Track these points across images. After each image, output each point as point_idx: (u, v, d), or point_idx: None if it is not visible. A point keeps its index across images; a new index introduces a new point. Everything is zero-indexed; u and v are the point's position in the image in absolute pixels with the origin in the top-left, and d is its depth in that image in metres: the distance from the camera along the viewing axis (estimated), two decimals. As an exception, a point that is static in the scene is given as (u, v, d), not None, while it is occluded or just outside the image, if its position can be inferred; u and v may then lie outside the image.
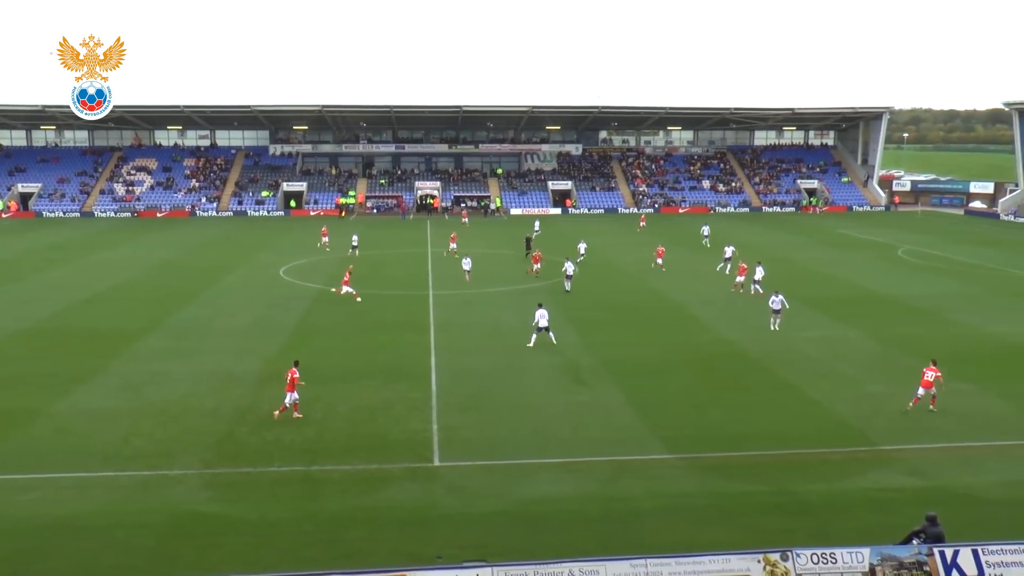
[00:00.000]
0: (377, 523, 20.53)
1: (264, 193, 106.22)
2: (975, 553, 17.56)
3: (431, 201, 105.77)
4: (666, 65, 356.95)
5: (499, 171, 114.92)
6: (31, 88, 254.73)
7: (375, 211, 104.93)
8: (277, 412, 27.52)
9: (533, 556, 17.66)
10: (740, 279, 49.86)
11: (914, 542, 17.75)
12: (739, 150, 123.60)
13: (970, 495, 22.21)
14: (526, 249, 64.21)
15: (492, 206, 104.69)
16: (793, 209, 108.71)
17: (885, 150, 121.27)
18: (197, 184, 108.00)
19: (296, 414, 27.45)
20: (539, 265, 55.65)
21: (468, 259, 53.84)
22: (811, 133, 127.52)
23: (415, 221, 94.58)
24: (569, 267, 50.44)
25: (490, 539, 19.73)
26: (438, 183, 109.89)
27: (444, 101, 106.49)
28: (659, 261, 57.85)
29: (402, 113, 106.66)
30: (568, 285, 49.55)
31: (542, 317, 37.04)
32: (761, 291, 47.64)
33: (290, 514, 21.00)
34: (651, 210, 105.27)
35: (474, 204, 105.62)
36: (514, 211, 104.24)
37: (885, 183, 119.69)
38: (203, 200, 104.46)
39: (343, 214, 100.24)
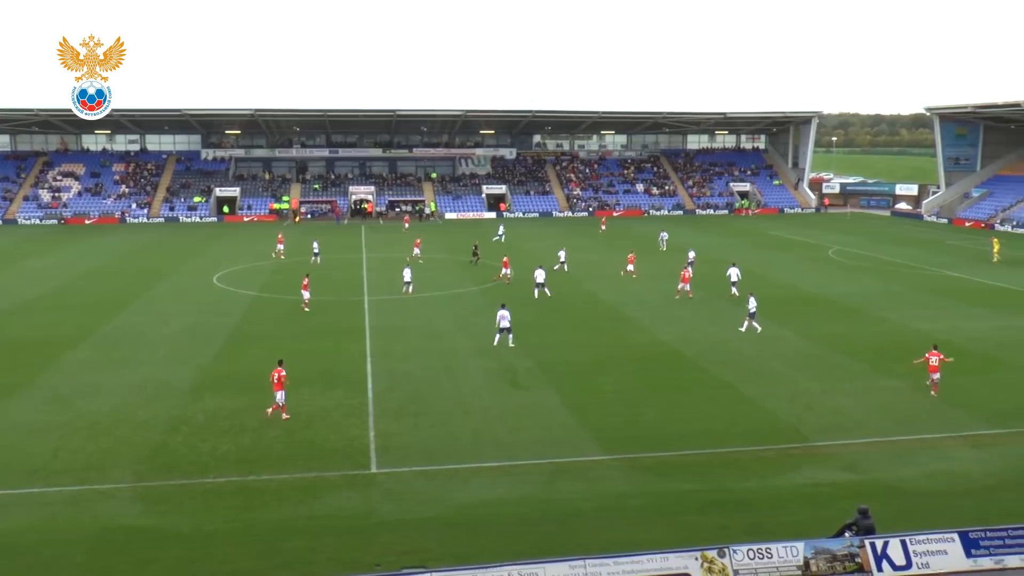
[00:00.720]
0: (315, 532, 20.30)
1: (196, 199, 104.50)
2: (903, 543, 18.03)
3: (365, 206, 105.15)
4: (600, 70, 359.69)
5: (433, 175, 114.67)
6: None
7: (309, 216, 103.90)
8: (269, 411, 27.95)
9: (472, 560, 17.66)
10: (683, 286, 49.14)
11: (846, 535, 18.12)
12: (672, 154, 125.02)
13: (899, 487, 22.75)
14: (473, 255, 62.97)
15: (427, 210, 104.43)
16: (726, 211, 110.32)
17: (815, 153, 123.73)
18: (127, 190, 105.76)
19: (284, 415, 27.77)
20: (508, 271, 54.57)
21: (409, 269, 51.81)
22: (743, 137, 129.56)
23: (349, 226, 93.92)
24: (540, 274, 49.07)
25: (429, 545, 19.63)
26: (372, 187, 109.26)
27: (378, 105, 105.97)
28: (630, 268, 56.69)
29: (336, 117, 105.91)
30: (537, 293, 48.34)
31: (503, 318, 37.40)
32: (737, 292, 48.36)
33: (226, 525, 20.65)
34: (603, 215, 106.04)
35: (409, 208, 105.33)
36: (449, 215, 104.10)
37: (815, 185, 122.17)
38: (133, 206, 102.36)
39: (296, 219, 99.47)
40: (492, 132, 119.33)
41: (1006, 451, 25.49)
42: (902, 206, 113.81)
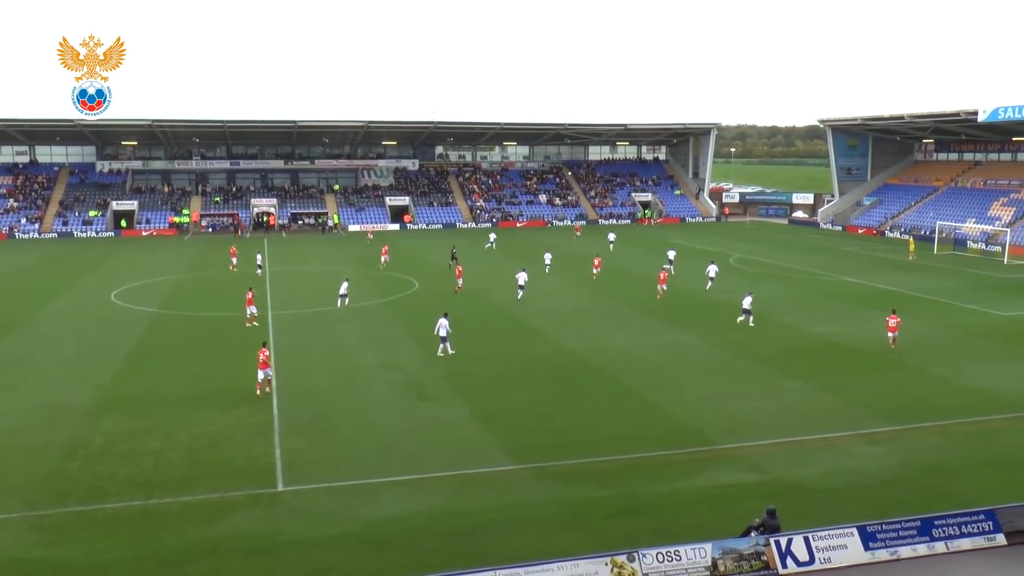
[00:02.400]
0: (221, 554, 19.79)
1: (92, 213, 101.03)
2: (806, 540, 18.54)
3: (267, 218, 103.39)
4: (502, 81, 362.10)
5: (336, 187, 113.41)
6: None
7: (210, 230, 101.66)
8: (258, 392, 31.13)
9: (382, 576, 17.45)
10: (660, 287, 52.83)
11: (752, 534, 18.50)
12: (574, 164, 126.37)
13: (801, 486, 23.37)
14: (451, 259, 65.85)
15: (330, 223, 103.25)
16: (629, 221, 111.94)
17: (714, 164, 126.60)
18: (16, 204, 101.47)
19: (267, 388, 31.45)
20: (461, 280, 55.24)
21: (346, 282, 50.93)
22: (644, 148, 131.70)
23: (252, 240, 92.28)
24: (522, 277, 51.99)
25: (337, 562, 19.33)
26: (275, 200, 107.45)
27: (279, 116, 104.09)
28: (595, 272, 59.92)
29: (237, 128, 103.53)
30: (521, 294, 51.42)
31: (442, 327, 37.53)
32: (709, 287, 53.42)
33: (128, 552, 19.93)
34: (582, 222, 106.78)
35: (311, 221, 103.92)
36: (352, 227, 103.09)
37: (715, 195, 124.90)
38: (23, 221, 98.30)
39: (239, 233, 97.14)
40: (394, 143, 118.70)
41: (900, 446, 26.47)
42: (799, 215, 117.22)
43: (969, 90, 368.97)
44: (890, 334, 39.00)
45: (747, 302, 44.59)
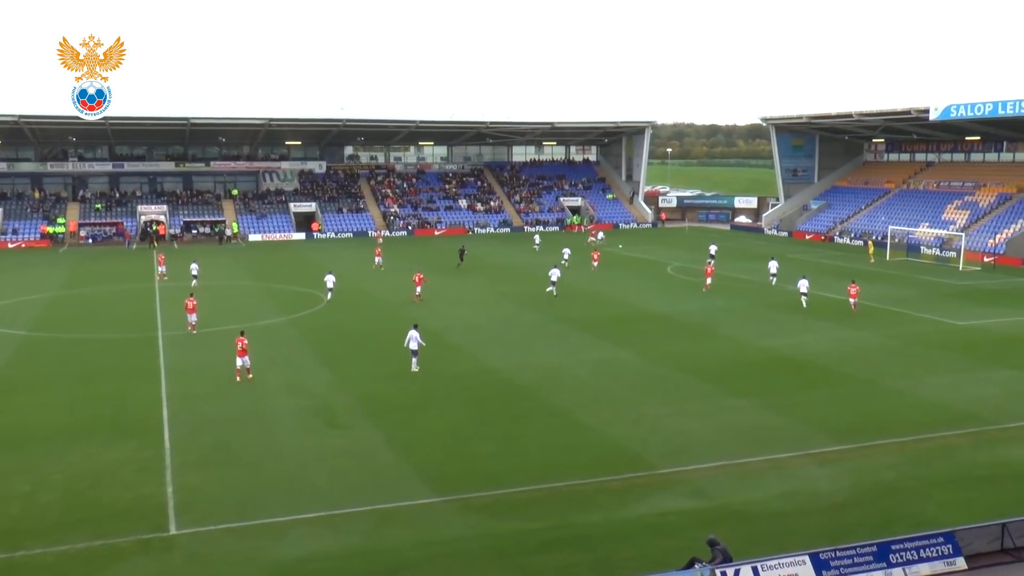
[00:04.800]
0: (102, 605, 19.30)
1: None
2: (755, 570, 18.86)
3: (157, 228, 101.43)
4: (418, 76, 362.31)
5: (234, 192, 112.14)
6: None
7: (91, 240, 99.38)
8: (237, 378, 35.56)
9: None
10: (708, 280, 61.14)
11: (696, 566, 18.69)
12: (497, 166, 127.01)
13: (749, 511, 23.72)
14: (460, 259, 73.99)
15: (228, 232, 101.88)
16: (557, 228, 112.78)
17: (649, 165, 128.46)
18: None
19: (248, 375, 36.26)
20: (420, 289, 57.04)
21: (331, 276, 57.55)
22: (573, 148, 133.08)
23: (139, 251, 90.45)
24: (555, 273, 58.36)
25: (239, 609, 19.01)
26: (165, 207, 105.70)
27: (169, 112, 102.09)
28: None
29: (120, 126, 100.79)
30: (554, 290, 57.57)
31: (412, 339, 37.89)
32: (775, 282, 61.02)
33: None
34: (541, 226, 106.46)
35: (207, 230, 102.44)
36: (253, 237, 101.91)
37: (651, 199, 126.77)
38: None
39: (154, 243, 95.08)
40: (299, 143, 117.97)
41: (852, 466, 27.05)
42: (742, 220, 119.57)
43: (920, 88, 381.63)
44: (851, 300, 50.33)
45: (804, 286, 53.93)
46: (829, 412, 32.39)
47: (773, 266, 64.79)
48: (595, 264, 72.47)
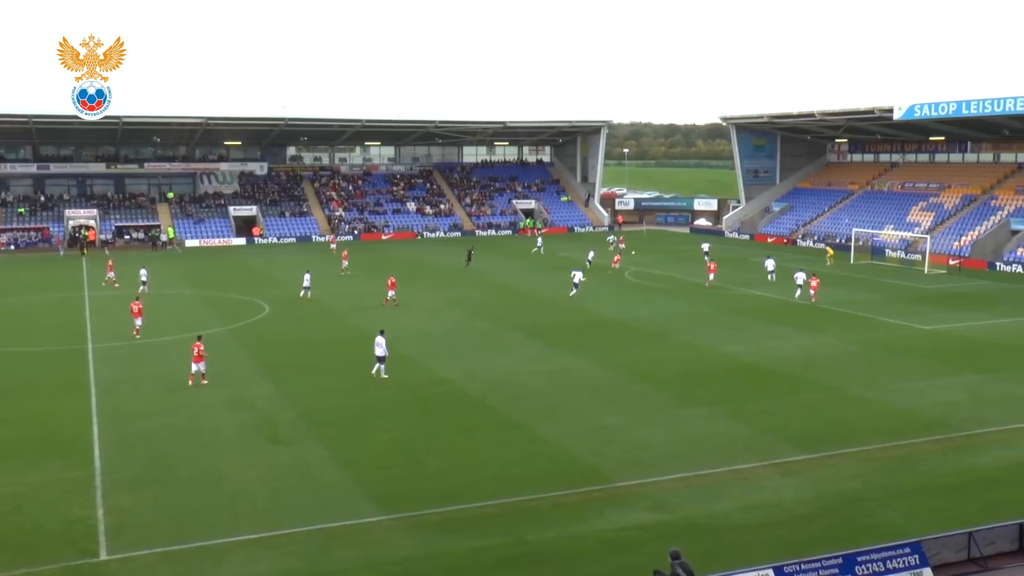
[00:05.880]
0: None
1: None
2: (718, 585, 18.85)
3: (86, 233, 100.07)
4: (363, 73, 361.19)
5: (170, 195, 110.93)
6: None
7: (13, 247, 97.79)
8: (190, 382, 37.25)
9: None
10: (711, 276, 65.39)
11: (658, 581, 18.72)
12: (447, 168, 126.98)
13: (711, 524, 23.86)
14: (467, 259, 77.45)
15: (163, 237, 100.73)
16: (510, 232, 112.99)
17: (606, 166, 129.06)
18: None
19: (203, 381, 37.48)
20: (393, 292, 57.90)
21: (308, 274, 60.78)
22: (526, 149, 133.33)
23: (67, 258, 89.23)
24: (578, 275, 61.31)
25: (174, 636, 18.75)
26: (95, 211, 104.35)
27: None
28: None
29: (45, 124, 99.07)
30: (575, 292, 60.17)
31: (379, 346, 38.23)
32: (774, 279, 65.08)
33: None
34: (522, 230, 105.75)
35: (140, 235, 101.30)
36: (190, 243, 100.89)
37: (607, 201, 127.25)
38: None
39: (84, 250, 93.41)
40: (239, 143, 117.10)
41: (816, 476, 27.33)
42: (702, 222, 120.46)
43: (884, 87, 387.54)
44: (812, 291, 55.74)
45: (770, 264, 65.84)
46: (793, 420, 32.70)
47: (770, 264, 68.96)
48: (616, 266, 76.04)
